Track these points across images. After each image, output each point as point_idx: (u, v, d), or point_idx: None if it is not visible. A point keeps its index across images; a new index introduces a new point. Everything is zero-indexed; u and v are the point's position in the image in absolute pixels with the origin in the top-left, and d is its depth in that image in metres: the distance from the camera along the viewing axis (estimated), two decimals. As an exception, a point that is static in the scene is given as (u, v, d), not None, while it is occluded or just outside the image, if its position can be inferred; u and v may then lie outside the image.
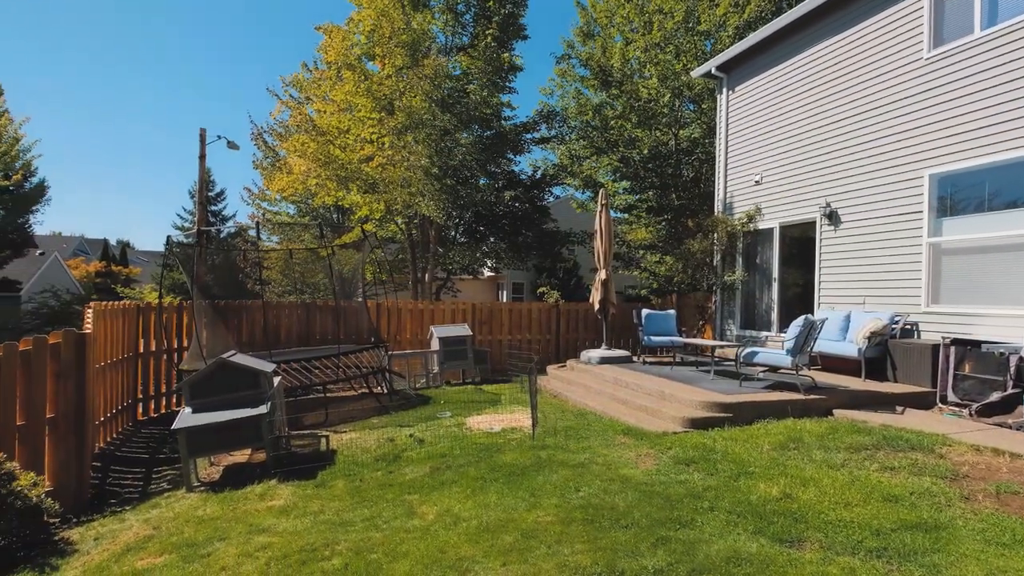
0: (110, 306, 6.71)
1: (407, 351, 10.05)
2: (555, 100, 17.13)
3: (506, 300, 27.52)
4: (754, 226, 10.45)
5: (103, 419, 6.04)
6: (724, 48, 12.70)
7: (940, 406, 6.65)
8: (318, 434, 6.37)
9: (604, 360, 9.26)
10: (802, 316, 6.73)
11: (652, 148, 14.59)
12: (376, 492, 4.38)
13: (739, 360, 7.50)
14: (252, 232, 17.14)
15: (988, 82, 6.87)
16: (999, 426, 5.75)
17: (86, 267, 33.59)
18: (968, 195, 7.25)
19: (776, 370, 7.15)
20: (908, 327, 7.68)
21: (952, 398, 6.56)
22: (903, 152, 7.87)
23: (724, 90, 11.36)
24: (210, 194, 34.63)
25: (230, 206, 57.97)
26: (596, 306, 9.80)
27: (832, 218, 8.91)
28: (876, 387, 7.04)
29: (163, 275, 9.23)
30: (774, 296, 10.08)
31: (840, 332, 8.06)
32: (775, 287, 10.07)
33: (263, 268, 14.05)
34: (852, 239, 8.61)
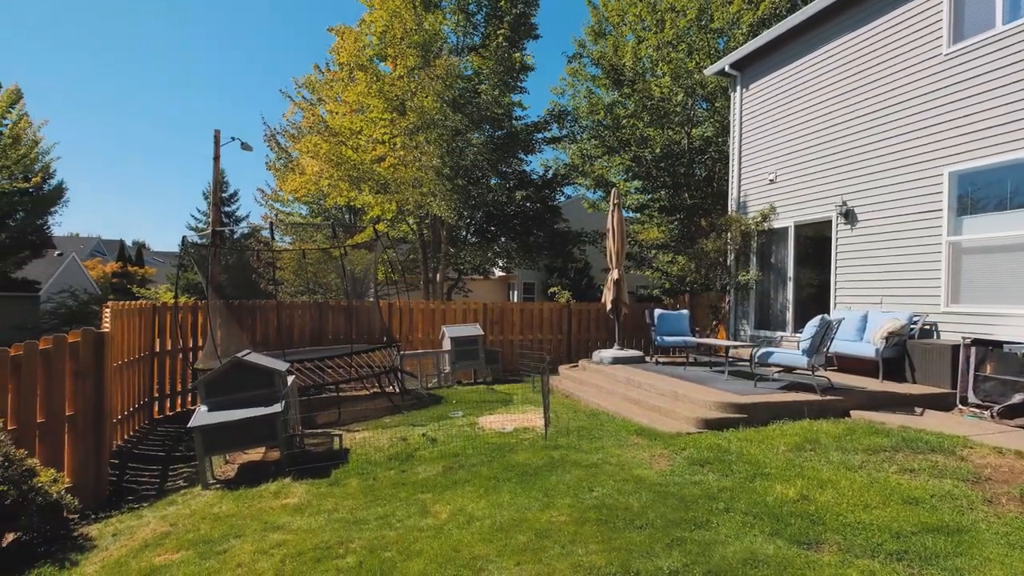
0: (127, 306, 6.80)
1: (419, 351, 10.08)
2: (566, 99, 17.10)
3: (517, 300, 27.50)
4: (768, 225, 10.34)
5: (120, 417, 6.12)
6: (738, 46, 12.58)
7: (960, 407, 6.53)
8: (331, 433, 6.40)
9: (616, 360, 9.22)
10: (818, 316, 6.65)
11: (664, 147, 14.49)
12: (389, 491, 4.39)
13: (754, 360, 7.42)
14: (265, 233, 17.29)
15: (1010, 77, 6.73)
16: (1022, 428, 5.64)
17: (103, 267, 34.10)
18: (989, 193, 7.11)
19: (791, 370, 7.07)
20: (927, 327, 7.55)
21: (973, 399, 6.44)
22: (922, 149, 7.74)
23: (738, 88, 11.26)
24: (224, 195, 35.10)
25: (243, 207, 58.62)
26: (608, 306, 9.76)
27: (848, 217, 8.79)
28: (894, 388, 6.93)
29: (178, 275, 9.37)
30: (789, 296, 9.97)
31: (857, 332, 7.95)
32: (790, 287, 9.95)
33: (276, 268, 14.15)
34: (869, 238, 8.49)
